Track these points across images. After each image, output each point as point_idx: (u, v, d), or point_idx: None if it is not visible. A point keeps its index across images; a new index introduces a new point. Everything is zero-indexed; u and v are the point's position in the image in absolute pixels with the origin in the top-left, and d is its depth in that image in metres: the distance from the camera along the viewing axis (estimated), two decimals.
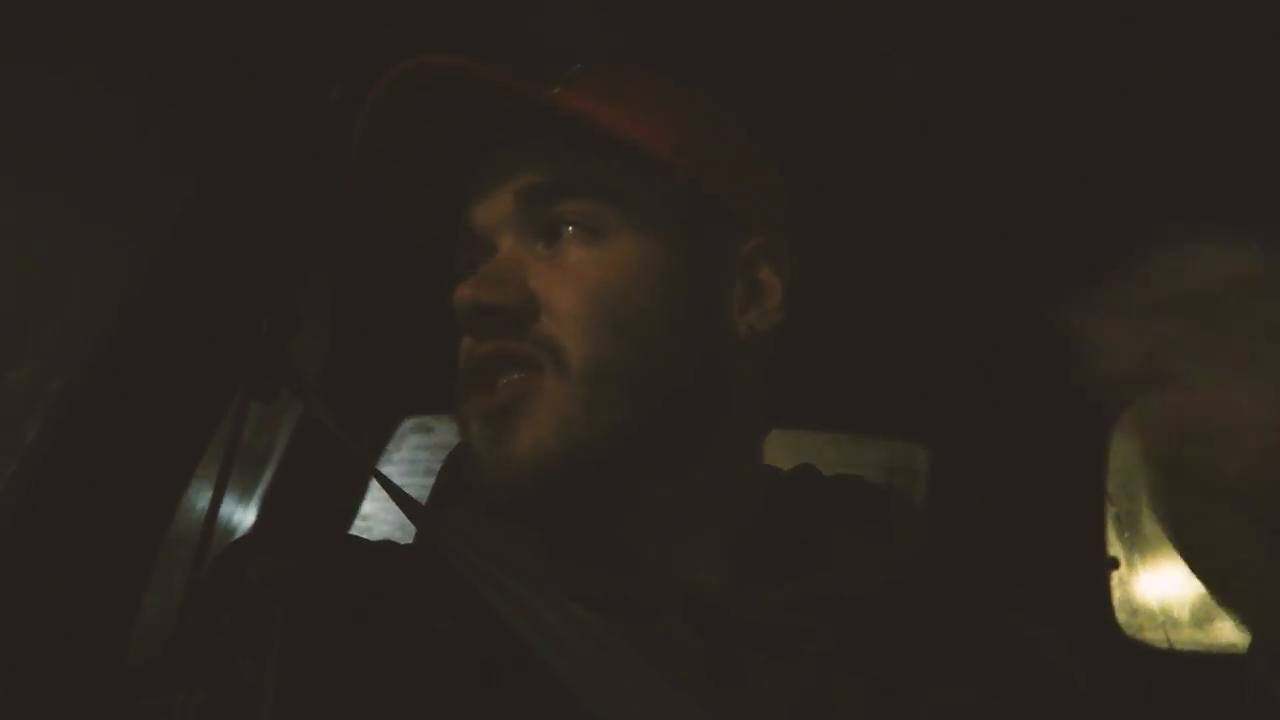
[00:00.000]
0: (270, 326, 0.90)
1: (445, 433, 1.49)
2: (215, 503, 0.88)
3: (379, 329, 1.35)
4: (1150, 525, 1.75)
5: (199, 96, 0.92)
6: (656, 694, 0.50)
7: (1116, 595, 1.53)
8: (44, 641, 0.78)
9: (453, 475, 1.17)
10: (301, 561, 0.56)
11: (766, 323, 0.63)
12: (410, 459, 1.59)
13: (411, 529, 0.69)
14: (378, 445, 1.47)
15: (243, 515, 1.23)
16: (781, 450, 0.74)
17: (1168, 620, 1.63)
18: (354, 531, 1.41)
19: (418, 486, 1.47)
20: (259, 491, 1.25)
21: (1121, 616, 1.54)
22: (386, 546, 0.61)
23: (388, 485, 0.63)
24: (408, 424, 1.54)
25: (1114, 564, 1.50)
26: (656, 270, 0.60)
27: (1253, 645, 0.42)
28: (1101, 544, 1.48)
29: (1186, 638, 1.60)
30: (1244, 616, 0.41)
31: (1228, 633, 1.53)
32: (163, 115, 0.91)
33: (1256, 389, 0.37)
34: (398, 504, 0.63)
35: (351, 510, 1.39)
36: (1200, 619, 1.63)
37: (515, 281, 0.58)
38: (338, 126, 0.99)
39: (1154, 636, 1.59)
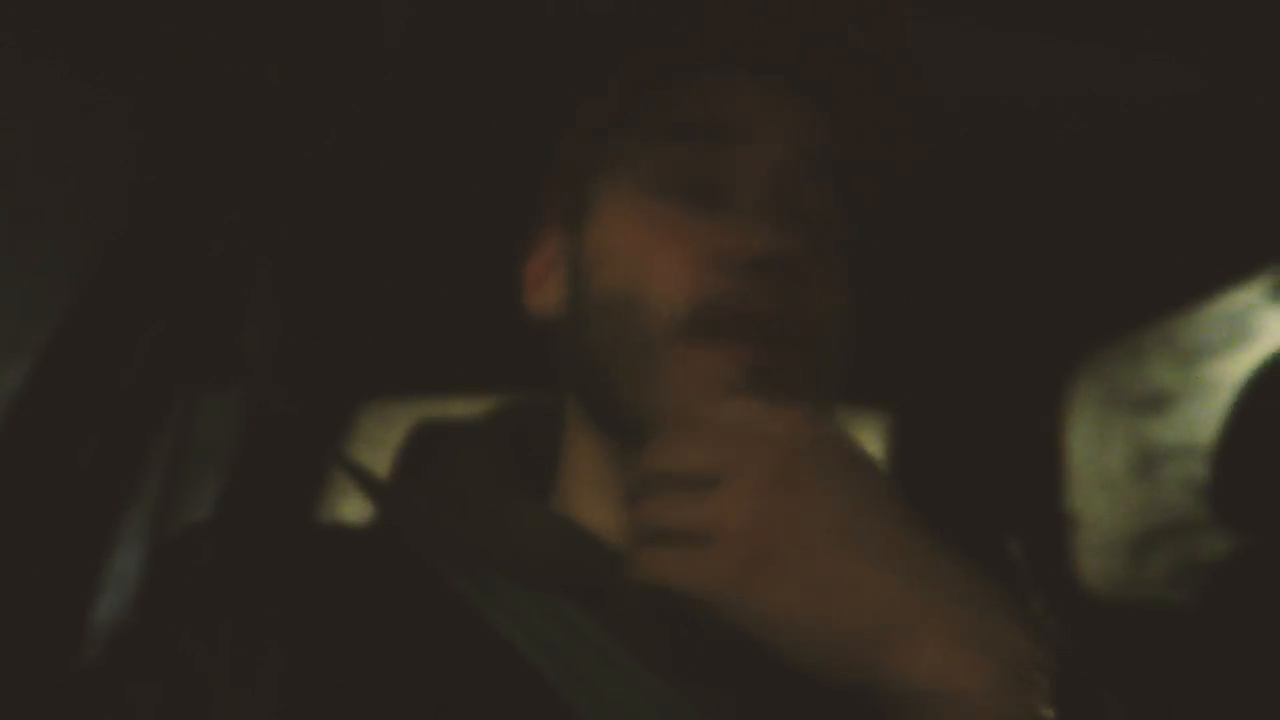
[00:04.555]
0: (218, 316, 0.88)
1: (405, 415, 1.49)
2: (168, 494, 0.87)
3: (337, 313, 1.33)
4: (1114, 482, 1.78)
5: (145, 84, 0.90)
6: (635, 683, 0.48)
7: (1082, 552, 1.55)
8: None
9: (412, 455, 1.16)
10: (250, 548, 0.55)
11: None
12: (371, 441, 1.58)
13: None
14: (338, 429, 1.46)
15: (200, 506, 1.21)
16: None
17: (1134, 578, 1.66)
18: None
19: (379, 469, 1.46)
20: (217, 481, 1.23)
21: (1086, 575, 1.56)
22: (337, 530, 0.60)
23: (349, 468, 0.62)
24: (368, 407, 1.52)
25: (1072, 522, 1.52)
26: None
27: None
28: (1060, 502, 1.50)
29: (1153, 595, 1.63)
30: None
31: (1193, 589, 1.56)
32: (110, 105, 0.89)
33: None
34: (361, 487, 0.61)
35: (313, 498, 1.38)
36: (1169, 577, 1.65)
37: (802, 250, 0.48)
38: (276, 107, 0.98)
39: (1120, 594, 1.61)
